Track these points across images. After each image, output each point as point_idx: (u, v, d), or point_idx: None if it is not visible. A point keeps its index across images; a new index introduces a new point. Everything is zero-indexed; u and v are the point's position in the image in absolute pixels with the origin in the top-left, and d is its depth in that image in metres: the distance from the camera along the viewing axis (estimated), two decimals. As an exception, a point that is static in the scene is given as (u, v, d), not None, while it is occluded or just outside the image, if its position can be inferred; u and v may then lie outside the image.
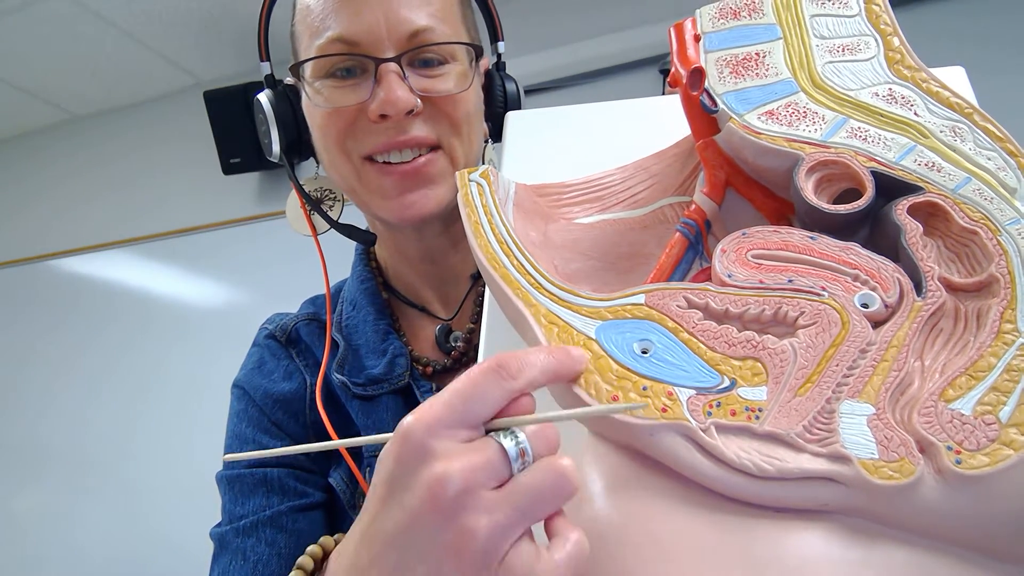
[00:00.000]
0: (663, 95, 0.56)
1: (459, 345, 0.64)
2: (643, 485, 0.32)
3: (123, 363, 2.11)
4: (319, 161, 0.65)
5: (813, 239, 0.37)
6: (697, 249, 0.42)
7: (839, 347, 0.33)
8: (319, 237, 0.66)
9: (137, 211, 2.24)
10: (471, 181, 0.44)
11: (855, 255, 0.36)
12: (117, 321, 2.16)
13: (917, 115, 0.39)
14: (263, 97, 0.64)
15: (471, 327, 0.65)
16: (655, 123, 0.51)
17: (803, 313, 0.34)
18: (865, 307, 0.34)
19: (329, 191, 0.67)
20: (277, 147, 0.64)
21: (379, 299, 0.67)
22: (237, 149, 1.98)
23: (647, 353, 0.34)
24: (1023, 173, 0.36)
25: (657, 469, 0.32)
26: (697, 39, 0.45)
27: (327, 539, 0.44)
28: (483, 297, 0.61)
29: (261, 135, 0.66)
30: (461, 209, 0.43)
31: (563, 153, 0.52)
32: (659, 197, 0.46)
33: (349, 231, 0.66)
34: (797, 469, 0.30)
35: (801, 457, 0.30)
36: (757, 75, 0.42)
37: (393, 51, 0.56)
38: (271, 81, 0.65)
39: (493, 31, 0.69)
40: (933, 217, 0.37)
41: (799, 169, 0.39)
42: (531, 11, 1.82)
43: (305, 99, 0.61)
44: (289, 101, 0.64)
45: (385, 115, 0.56)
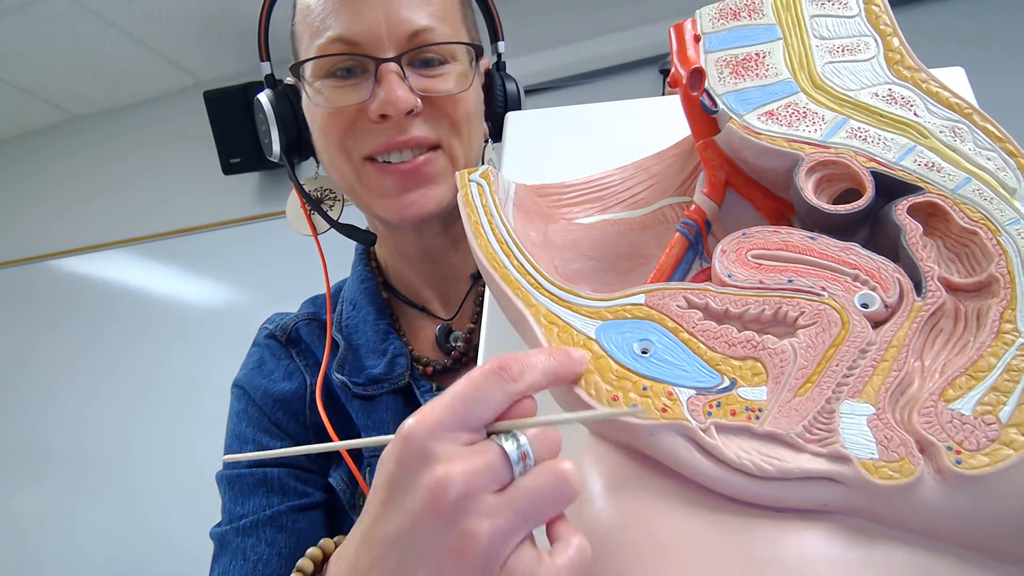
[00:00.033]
0: (663, 95, 0.56)
1: (459, 345, 0.64)
2: (643, 485, 0.32)
3: (123, 363, 2.11)
4: (319, 161, 0.65)
5: (813, 239, 0.37)
6: (697, 249, 0.42)
7: (839, 347, 0.33)
8: (319, 237, 0.66)
9: (137, 211, 2.24)
10: (471, 181, 0.44)
11: (855, 255, 0.36)
12: (117, 321, 2.16)
13: (917, 115, 0.39)
14: (263, 97, 0.64)
15: (471, 327, 0.65)
16: (655, 123, 0.51)
17: (803, 313, 0.34)
18: (865, 307, 0.34)
19: (329, 191, 0.67)
20: (277, 147, 0.64)
21: (379, 299, 0.67)
22: (237, 149, 1.98)
23: (647, 353, 0.34)
24: (1023, 173, 0.36)
25: (657, 469, 0.32)
26: (697, 39, 0.45)
27: (327, 541, 0.44)
28: (483, 297, 0.61)
29: (261, 135, 0.66)
30: (461, 209, 0.43)
31: (563, 153, 0.52)
32: (659, 197, 0.46)
33: (349, 231, 0.66)
34: (797, 469, 0.30)
35: (801, 457, 0.30)
36: (757, 75, 0.42)
37: (393, 51, 0.56)
38: (271, 81, 0.65)
39: (493, 31, 0.69)
40: (933, 217, 0.37)
41: (799, 169, 0.39)
42: (531, 11, 1.82)
43: (305, 99, 0.61)
44: (289, 101, 0.64)
45: (385, 115, 0.56)
